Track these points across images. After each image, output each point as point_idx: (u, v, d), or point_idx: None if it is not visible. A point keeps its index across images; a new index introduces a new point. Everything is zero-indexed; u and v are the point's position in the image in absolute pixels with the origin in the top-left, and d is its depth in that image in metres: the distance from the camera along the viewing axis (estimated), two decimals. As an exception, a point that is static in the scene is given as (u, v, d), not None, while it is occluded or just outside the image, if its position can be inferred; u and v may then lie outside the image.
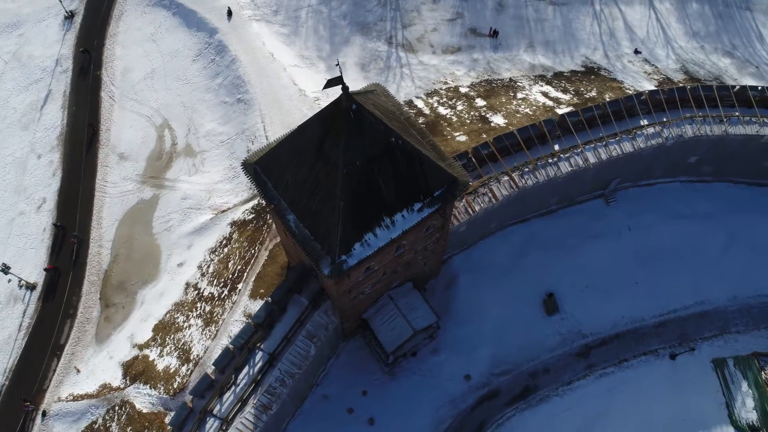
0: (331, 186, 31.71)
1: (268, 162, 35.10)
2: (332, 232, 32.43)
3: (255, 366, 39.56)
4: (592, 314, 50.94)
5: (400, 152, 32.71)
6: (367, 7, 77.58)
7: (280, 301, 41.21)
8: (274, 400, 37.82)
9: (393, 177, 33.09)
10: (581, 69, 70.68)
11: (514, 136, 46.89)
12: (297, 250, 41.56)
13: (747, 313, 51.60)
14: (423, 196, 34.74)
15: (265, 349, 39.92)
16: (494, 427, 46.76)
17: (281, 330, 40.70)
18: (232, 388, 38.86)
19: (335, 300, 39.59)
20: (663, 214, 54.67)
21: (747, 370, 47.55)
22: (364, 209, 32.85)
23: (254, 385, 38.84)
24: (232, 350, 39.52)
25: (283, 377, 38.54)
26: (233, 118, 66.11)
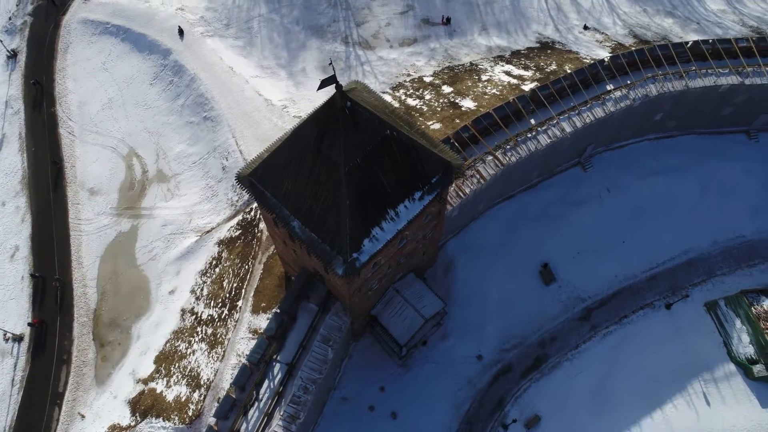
0: (335, 186, 31.77)
1: (264, 172, 34.84)
2: (341, 232, 32.50)
3: (275, 378, 39.21)
4: (588, 278, 52.50)
5: (396, 144, 33.04)
6: (318, 9, 77.58)
7: (290, 311, 40.93)
8: (300, 409, 37.62)
9: (392, 169, 33.41)
10: (536, 45, 72.54)
11: (491, 116, 47.87)
12: (299, 257, 41.44)
13: (729, 255, 54.17)
14: (422, 184, 35.20)
15: (282, 360, 39.63)
16: (513, 401, 47.69)
17: (295, 339, 40.45)
18: (256, 405, 38.43)
19: (346, 300, 39.65)
20: (637, 172, 56.79)
21: (738, 308, 49.95)
22: (369, 205, 33.06)
23: (277, 397, 38.52)
24: (249, 366, 39.02)
25: (306, 384, 38.36)
26: (202, 137, 65.03)
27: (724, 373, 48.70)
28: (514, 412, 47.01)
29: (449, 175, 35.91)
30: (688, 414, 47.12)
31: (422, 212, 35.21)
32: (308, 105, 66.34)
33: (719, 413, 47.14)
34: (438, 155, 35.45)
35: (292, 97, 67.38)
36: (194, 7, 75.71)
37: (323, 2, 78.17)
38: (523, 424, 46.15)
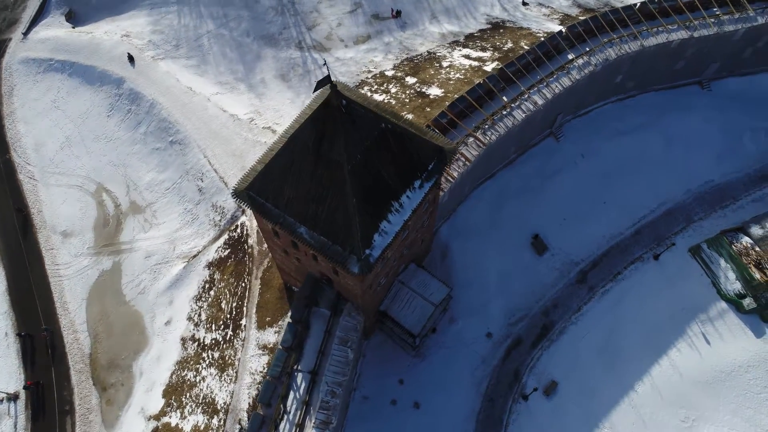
0: (339, 186, 31.82)
1: (262, 183, 34.51)
2: (351, 231, 32.58)
3: (300, 388, 38.94)
4: (577, 242, 54.22)
5: (392, 136, 33.35)
6: (266, 19, 76.96)
7: (302, 319, 40.70)
8: (331, 414, 37.52)
9: (390, 161, 33.71)
10: (488, 27, 74.08)
11: (465, 98, 48.77)
12: (302, 265, 41.22)
13: (702, 200, 56.94)
14: (419, 172, 35.62)
15: (304, 369, 39.39)
16: (528, 372, 48.82)
17: (313, 345, 40.28)
18: (285, 418, 38.06)
19: (358, 299, 39.73)
20: (605, 135, 58.95)
21: (720, 249, 52.61)
22: (374, 200, 33.26)
23: (305, 406, 38.26)
24: (272, 381, 38.61)
25: (332, 388, 38.27)
26: (171, 162, 63.58)
27: (717, 312, 51.20)
28: (532, 382, 48.13)
29: (443, 159, 36.46)
30: (691, 355, 49.33)
31: (424, 200, 35.63)
32: (274, 115, 65.99)
33: (719, 349, 49.58)
34: (430, 141, 35.95)
35: (257, 109, 66.69)
36: (139, 33, 73.80)
37: (270, 11, 77.54)
38: (542, 392, 47.27)
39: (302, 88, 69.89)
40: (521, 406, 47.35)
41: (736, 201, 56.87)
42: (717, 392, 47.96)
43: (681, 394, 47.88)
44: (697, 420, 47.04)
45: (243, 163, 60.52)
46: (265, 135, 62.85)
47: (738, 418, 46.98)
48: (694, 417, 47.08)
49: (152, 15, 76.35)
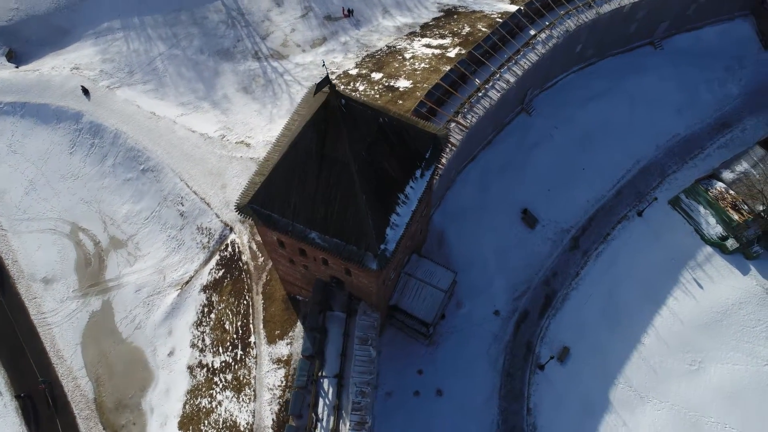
0: (348, 185, 31.83)
1: (265, 194, 34.14)
2: (364, 228, 32.66)
3: (328, 394, 38.76)
4: (564, 210, 55.82)
5: (389, 129, 33.56)
6: (218, 33, 75.76)
7: (319, 325, 40.50)
8: (364, 414, 37.53)
9: (391, 154, 33.93)
10: (441, 14, 75.13)
11: (441, 85, 49.41)
12: (309, 271, 40.98)
13: (672, 153, 59.53)
14: (418, 161, 35.96)
15: (329, 374, 39.23)
16: (540, 342, 50.01)
17: (334, 350, 40.15)
18: (319, 426, 37.83)
19: (373, 296, 39.82)
20: (574, 103, 60.81)
21: (697, 197, 55.16)
22: (381, 194, 33.43)
23: (336, 411, 38.13)
24: (299, 391, 38.31)
25: (361, 389, 38.28)
26: (146, 191, 61.92)
27: (704, 256, 53.70)
28: (545, 351, 49.31)
29: (438, 146, 36.91)
30: (687, 301, 51.60)
31: (427, 188, 36.01)
32: (244, 128, 65.17)
33: (711, 292, 52.05)
34: (424, 130, 36.35)
35: (226, 125, 65.66)
36: (89, 63, 71.38)
37: (220, 25, 76.33)
38: (556, 359, 48.48)
39: (267, 98, 69.20)
40: (539, 377, 48.46)
41: (703, 150, 59.65)
42: (716, 332, 50.31)
43: (684, 339, 50.00)
44: (703, 361, 49.23)
45: (222, 181, 59.59)
46: (240, 149, 61.98)
47: (739, 353, 49.42)
48: (699, 359, 49.25)
49: (99, 44, 73.94)
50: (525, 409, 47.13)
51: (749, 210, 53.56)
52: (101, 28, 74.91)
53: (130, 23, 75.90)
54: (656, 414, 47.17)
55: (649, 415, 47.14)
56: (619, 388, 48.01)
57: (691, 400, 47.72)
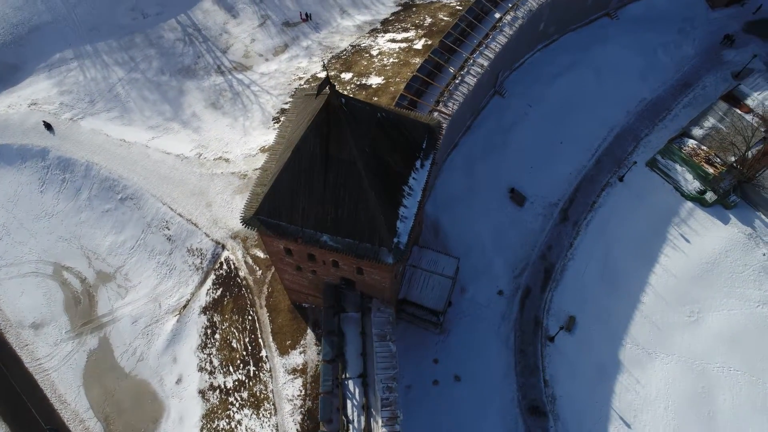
0: (356, 183, 31.86)
1: (271, 203, 33.82)
2: (377, 224, 32.77)
3: (355, 395, 38.71)
4: (549, 185, 57.15)
5: (387, 123, 33.73)
6: (176, 51, 74.40)
7: (335, 329, 40.40)
8: (394, 408, 37.64)
9: (392, 148, 34.12)
10: (399, 8, 75.63)
11: (418, 77, 49.84)
12: (318, 276, 40.81)
13: (642, 117, 61.68)
14: (416, 152, 36.27)
15: (352, 375, 39.19)
16: (546, 315, 51.10)
17: (354, 350, 40.12)
18: (350, 428, 37.76)
19: (386, 291, 39.96)
20: (543, 81, 62.28)
21: (672, 156, 57.31)
22: (388, 189, 33.60)
23: (366, 410, 38.13)
24: (326, 396, 38.14)
25: (387, 384, 38.37)
26: (128, 220, 60.31)
27: (686, 212, 55.87)
28: (553, 323, 50.42)
29: (433, 135, 37.31)
30: (678, 256, 53.61)
31: (429, 177, 36.34)
32: (220, 144, 64.21)
33: (698, 244, 54.22)
34: (418, 121, 36.69)
35: (200, 143, 64.54)
36: (47, 97, 68.98)
37: (178, 43, 74.99)
38: (564, 330, 49.63)
39: (237, 111, 68.33)
40: (550, 348, 49.53)
41: (670, 111, 61.97)
42: (709, 282, 52.47)
43: (680, 293, 51.95)
44: (700, 311, 51.27)
45: (207, 200, 58.60)
46: (219, 166, 61.07)
47: (733, 299, 51.68)
48: (697, 309, 51.28)
49: (53, 76, 71.56)
50: (542, 381, 48.09)
51: (722, 162, 55.99)
52: (53, 59, 72.52)
53: (83, 51, 73.74)
54: (666, 368, 48.86)
55: (659, 370, 48.79)
56: (627, 348, 49.51)
57: (695, 350, 49.61)
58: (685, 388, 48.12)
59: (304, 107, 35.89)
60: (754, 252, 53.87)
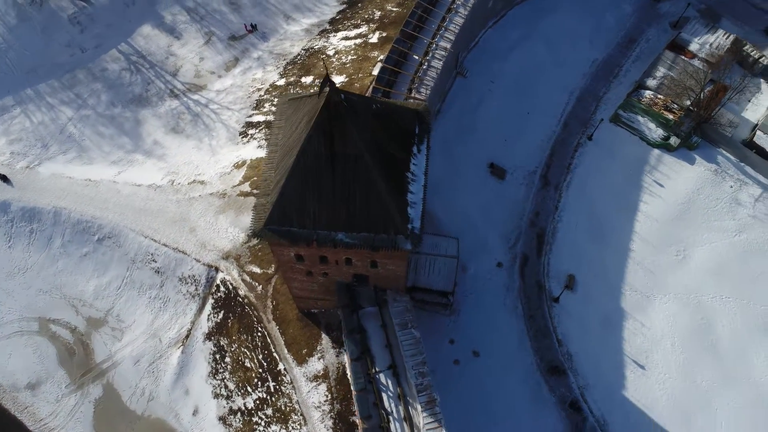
0: (366, 176, 32.07)
1: (279, 212, 33.58)
2: (390, 214, 33.11)
3: (389, 387, 38.93)
4: (525, 154, 58.87)
5: (382, 113, 34.08)
6: (124, 81, 72.22)
7: (356, 325, 40.49)
8: (431, 391, 38.08)
9: (390, 137, 34.50)
10: (344, 6, 75.82)
11: (386, 68, 50.29)
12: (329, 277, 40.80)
13: (597, 77, 64.31)
14: (411, 139, 36.77)
15: (381, 368, 39.41)
16: (546, 278, 52.71)
17: (378, 344, 40.31)
18: (391, 419, 37.97)
19: (403, 279, 40.41)
20: (500, 56, 63.98)
21: (632, 108, 60.07)
22: (394, 177, 33.98)
23: (403, 398, 38.43)
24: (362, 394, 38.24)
25: (418, 370, 38.75)
26: (109, 260, 58.30)
27: (655, 159, 58.71)
28: (554, 285, 52.06)
29: (424, 120, 37.90)
30: (656, 201, 56.35)
31: (428, 161, 36.91)
32: (190, 168, 62.97)
33: (672, 187, 57.16)
34: (407, 108, 37.20)
35: (170, 170, 63.03)
36: (-5, 149, 65.61)
37: (124, 73, 72.88)
38: (567, 289, 51.32)
39: (200, 132, 67.05)
40: (557, 309, 51.15)
41: (621, 67, 64.88)
42: (688, 220, 55.46)
43: (664, 235, 54.65)
44: (686, 249, 54.12)
45: (190, 225, 57.31)
46: (195, 189, 59.83)
47: (712, 232, 54.85)
48: (683, 248, 54.11)
49: (-3, 126, 68.08)
50: (555, 341, 49.62)
51: (679, 107, 59.14)
52: (-6, 109, 68.96)
53: (25, 96, 70.59)
54: (665, 307, 51.35)
55: (660, 310, 51.22)
56: (627, 295, 51.70)
57: (688, 286, 52.36)
58: (686, 322, 50.68)
59: (294, 111, 35.79)
60: (722, 186, 57.23)
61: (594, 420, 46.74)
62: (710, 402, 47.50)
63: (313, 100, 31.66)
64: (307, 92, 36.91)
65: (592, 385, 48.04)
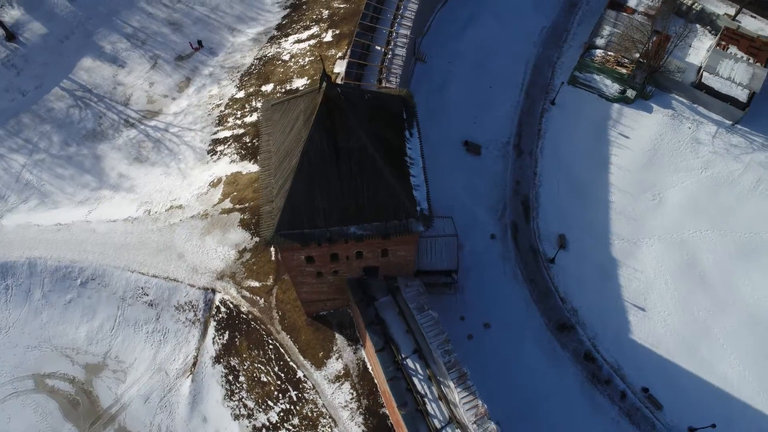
0: (371, 167, 32.30)
1: (289, 215, 33.34)
2: (399, 199, 33.47)
3: (417, 370, 39.38)
4: (496, 128, 60.57)
5: (374, 101, 34.40)
6: (74, 119, 69.78)
7: (374, 317, 40.75)
8: (459, 367, 38.75)
9: (384, 124, 34.85)
10: (288, 10, 75.47)
11: (353, 62, 50.59)
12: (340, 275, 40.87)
13: (548, 43, 66.74)
14: (401, 124, 37.22)
15: (407, 354, 39.80)
16: (539, 242, 54.42)
17: (399, 331, 40.65)
18: (426, 402, 38.43)
19: (413, 263, 40.88)
20: (453, 36, 65.44)
21: (587, 68, 62.53)
22: (396, 164, 34.33)
23: (434, 378, 38.94)
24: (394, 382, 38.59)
25: (443, 348, 39.36)
26: (97, 303, 56.21)
27: (616, 112, 61.53)
28: (548, 247, 53.81)
29: (409, 104, 38.42)
30: (624, 152, 59.12)
31: (422, 143, 37.47)
32: (164, 194, 61.61)
33: (636, 137, 60.04)
34: (392, 95, 37.65)
35: (142, 200, 61.25)
36: (-51, 209, 61.93)
37: (72, 110, 70.42)
38: (560, 249, 53.10)
39: (166, 158, 65.47)
40: (554, 269, 52.95)
41: (569, 31, 67.46)
42: (657, 166, 58.42)
43: (638, 183, 57.38)
44: (660, 192, 57.05)
45: (177, 251, 55.92)
46: (175, 215, 58.40)
47: (680, 172, 58.07)
48: (657, 191, 57.01)
49: (-55, 185, 64.24)
50: (559, 300, 51.34)
51: (630, 61, 61.96)
52: (-63, 168, 65.08)
53: (-32, 152, 66.81)
54: (652, 250, 53.98)
55: (648, 254, 53.79)
56: (616, 245, 53.99)
57: (668, 226, 55.19)
58: (674, 260, 53.42)
59: (282, 115, 35.63)
60: (681, 128, 60.49)
61: (608, 367, 48.66)
62: (710, 330, 50.26)
63: (305, 99, 31.62)
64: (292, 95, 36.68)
65: (600, 335, 49.95)
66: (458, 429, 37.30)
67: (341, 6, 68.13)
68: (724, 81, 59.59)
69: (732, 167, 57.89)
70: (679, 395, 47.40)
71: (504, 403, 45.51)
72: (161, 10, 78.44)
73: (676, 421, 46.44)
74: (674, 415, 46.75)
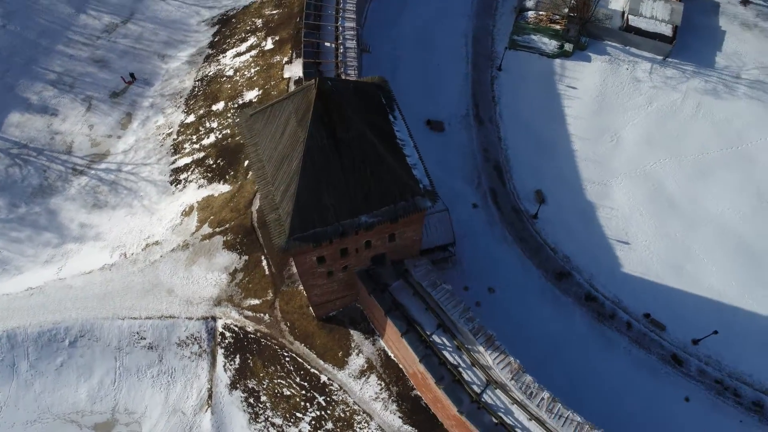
0: (372, 153, 32.69)
1: (300, 218, 33.24)
2: (402, 180, 34.06)
3: (445, 344, 40.18)
4: (451, 101, 62.44)
5: (358, 90, 34.77)
6: (16, 178, 66.69)
7: (392, 304, 41.24)
8: (484, 330, 39.90)
9: (372, 110, 35.31)
10: (218, 26, 74.23)
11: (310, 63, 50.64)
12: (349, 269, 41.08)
13: (481, 14, 69.45)
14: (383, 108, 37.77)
15: (432, 330, 40.57)
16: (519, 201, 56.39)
17: (418, 311, 41.24)
18: (461, 371, 39.32)
19: (419, 242, 41.64)
20: (391, 23, 67.39)
21: (524, 31, 65.27)
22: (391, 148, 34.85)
23: (463, 347, 39.88)
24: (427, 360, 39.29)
25: (465, 317, 40.36)
26: (91, 361, 53.70)
27: (559, 67, 64.75)
28: (528, 204, 55.96)
29: (385, 90, 39.01)
30: (577, 104, 62.61)
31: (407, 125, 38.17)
32: (135, 234, 59.51)
33: (583, 87, 63.80)
34: (368, 82, 38.10)
35: (114, 245, 58.98)
36: None
37: (12, 170, 66.74)
38: (538, 204, 55.33)
39: (126, 198, 63.23)
40: (539, 224, 55.14)
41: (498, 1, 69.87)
42: (608, 109, 61.86)
43: (595, 128, 60.61)
44: (616, 133, 60.53)
45: (166, 287, 54.19)
46: (153, 252, 56.50)
47: (629, 111, 61.86)
48: (613, 132, 60.51)
49: None
50: (550, 251, 53.70)
51: (561, 17, 65.06)
52: None
53: None
54: (621, 186, 57.26)
55: (619, 191, 57.02)
56: (588, 188, 56.88)
57: (631, 162, 58.66)
58: (643, 192, 56.90)
59: (267, 123, 35.39)
60: (619, 70, 64.27)
61: (610, 302, 51.31)
62: (689, 248, 53.94)
63: (293, 100, 31.56)
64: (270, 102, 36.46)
65: (595, 275, 52.56)
66: (498, 389, 38.40)
67: (274, 12, 67.64)
68: (649, 20, 63.66)
69: (673, 97, 62.04)
70: (677, 313, 50.67)
71: (523, 357, 46.91)
72: (82, 49, 75.19)
73: (681, 337, 49.68)
74: (677, 332, 49.95)
